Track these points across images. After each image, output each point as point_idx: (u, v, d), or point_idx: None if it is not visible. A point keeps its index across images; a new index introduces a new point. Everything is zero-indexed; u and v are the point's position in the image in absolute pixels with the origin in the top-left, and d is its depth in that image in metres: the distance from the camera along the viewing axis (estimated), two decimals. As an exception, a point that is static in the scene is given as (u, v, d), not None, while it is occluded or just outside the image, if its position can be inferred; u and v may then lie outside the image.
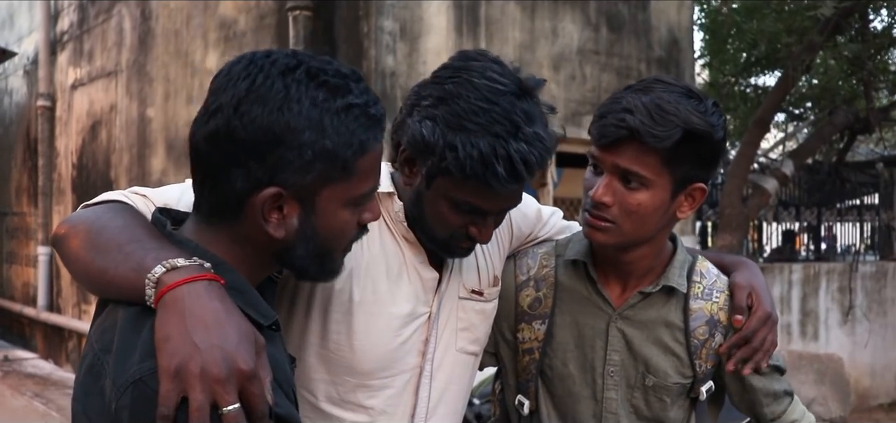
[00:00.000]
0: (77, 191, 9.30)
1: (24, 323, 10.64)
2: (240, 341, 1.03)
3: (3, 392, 8.18)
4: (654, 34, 7.10)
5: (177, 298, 1.05)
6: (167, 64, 7.70)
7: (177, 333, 1.02)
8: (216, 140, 1.12)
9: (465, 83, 1.44)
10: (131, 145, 8.20)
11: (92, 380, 1.08)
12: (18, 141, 10.99)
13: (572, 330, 1.74)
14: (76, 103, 9.45)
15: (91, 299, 8.88)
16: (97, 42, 9.02)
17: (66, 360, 9.46)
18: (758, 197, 9.02)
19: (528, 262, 1.80)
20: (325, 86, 1.13)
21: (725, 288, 1.75)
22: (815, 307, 9.33)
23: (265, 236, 1.16)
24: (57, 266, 9.75)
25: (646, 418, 1.72)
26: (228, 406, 1.00)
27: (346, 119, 1.13)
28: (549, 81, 6.42)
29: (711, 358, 1.73)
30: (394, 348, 1.57)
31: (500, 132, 1.39)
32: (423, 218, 1.53)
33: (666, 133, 1.51)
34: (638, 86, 1.59)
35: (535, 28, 6.32)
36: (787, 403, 1.82)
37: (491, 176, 1.40)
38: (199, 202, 1.21)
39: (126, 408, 1.02)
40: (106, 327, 1.12)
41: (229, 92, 1.12)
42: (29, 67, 10.56)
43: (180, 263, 1.09)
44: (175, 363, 1.00)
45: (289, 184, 1.12)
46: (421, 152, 1.46)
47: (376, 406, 1.57)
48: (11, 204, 11.30)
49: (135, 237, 1.16)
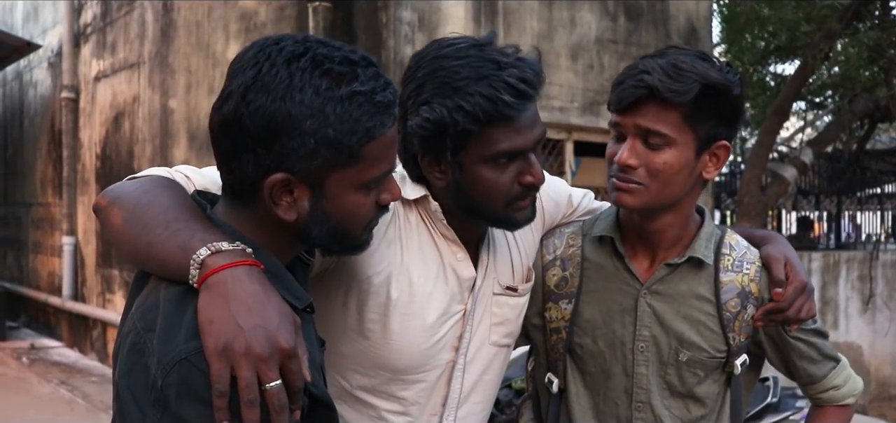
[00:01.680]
0: (101, 181, 9.41)
1: (50, 312, 10.79)
2: (280, 322, 1.08)
3: (30, 380, 8.32)
4: (673, 23, 7.11)
5: (220, 281, 1.10)
6: (189, 55, 7.79)
7: (221, 315, 1.07)
8: (227, 126, 1.16)
9: (431, 63, 1.48)
10: (154, 136, 8.30)
11: (136, 357, 1.12)
12: (43, 133, 11.13)
13: (601, 308, 1.73)
14: (99, 95, 9.56)
15: (115, 288, 9.01)
16: (120, 34, 9.13)
17: (90, 348, 9.60)
18: (776, 185, 9.01)
19: (554, 242, 1.80)
20: (330, 74, 1.14)
21: (755, 260, 1.74)
22: (834, 296, 9.31)
23: (279, 218, 1.19)
24: (81, 256, 9.89)
25: (680, 394, 1.72)
26: (271, 382, 1.06)
27: (349, 107, 1.14)
28: (566, 71, 6.47)
29: (744, 331, 1.72)
30: (428, 347, 1.59)
31: (487, 72, 1.43)
32: (476, 202, 1.52)
33: (684, 88, 1.53)
34: (653, 53, 1.64)
35: (552, 17, 6.35)
36: (829, 368, 1.80)
37: (503, 107, 1.42)
38: (222, 186, 1.25)
39: (173, 385, 1.07)
40: (148, 306, 1.16)
41: (239, 79, 1.15)
42: (53, 60, 10.69)
43: (224, 246, 1.13)
44: (221, 344, 1.06)
45: (296, 170, 1.15)
46: (436, 139, 1.47)
47: (409, 397, 1.60)
48: (37, 195, 11.45)
49: (181, 217, 1.19)
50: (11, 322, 11.09)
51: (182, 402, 1.06)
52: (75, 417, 6.94)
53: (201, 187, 1.36)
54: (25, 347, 10.00)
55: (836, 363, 1.82)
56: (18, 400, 7.42)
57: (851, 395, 1.83)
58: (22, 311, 11.61)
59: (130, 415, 1.11)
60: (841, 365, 1.83)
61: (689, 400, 1.73)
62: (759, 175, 8.75)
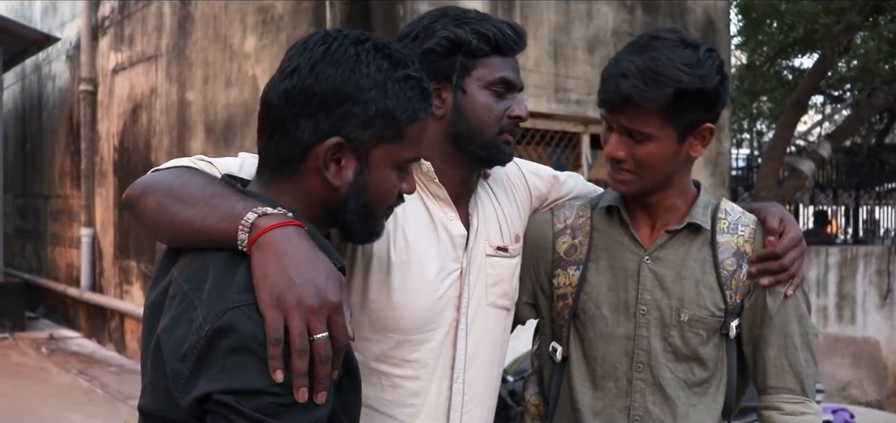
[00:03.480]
0: (119, 174, 9.49)
1: (68, 303, 10.89)
2: (329, 277, 1.17)
3: (50, 370, 8.41)
4: (690, 16, 7.07)
5: (271, 240, 1.18)
6: (206, 48, 7.83)
7: (274, 269, 1.15)
8: (290, 95, 1.27)
9: (436, 11, 1.72)
10: (171, 128, 8.35)
11: (181, 312, 1.19)
12: (61, 125, 11.22)
13: (606, 274, 1.82)
14: (117, 87, 9.63)
15: (133, 279, 9.08)
16: (137, 27, 9.18)
17: (108, 339, 9.69)
18: (794, 179, 8.97)
19: (565, 212, 1.90)
20: (390, 57, 1.30)
21: (750, 223, 1.82)
22: (852, 291, 9.26)
23: (323, 187, 1.29)
24: (99, 248, 9.97)
25: (684, 356, 1.79)
26: (319, 334, 1.14)
27: (404, 87, 1.30)
28: (583, 63, 6.45)
29: (740, 291, 1.79)
30: (432, 303, 1.68)
31: (491, 18, 1.72)
32: (472, 128, 1.69)
33: (658, 94, 1.63)
34: (637, 44, 1.71)
35: (570, 10, 6.34)
36: (788, 383, 1.76)
37: (509, 39, 1.69)
38: (264, 160, 1.34)
39: (223, 329, 1.13)
40: (194, 269, 1.23)
41: (306, 56, 1.28)
42: (71, 52, 10.77)
43: (270, 210, 1.22)
44: (276, 295, 1.13)
45: (351, 136, 1.27)
46: (447, 58, 1.67)
47: (420, 359, 1.68)
48: (55, 187, 11.55)
49: (218, 192, 1.29)
50: (30, 313, 11.21)
51: (229, 346, 1.13)
52: (94, 406, 7.01)
53: (225, 172, 1.44)
54: (44, 337, 10.10)
55: (799, 394, 1.76)
56: (38, 390, 7.50)
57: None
58: (40, 302, 11.73)
59: (170, 364, 1.17)
60: (803, 401, 1.76)
61: (694, 363, 1.79)
62: (777, 169, 8.72)
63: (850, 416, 5.43)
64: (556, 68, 6.21)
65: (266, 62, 6.79)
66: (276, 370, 1.11)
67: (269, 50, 6.74)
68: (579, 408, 1.84)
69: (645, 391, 1.79)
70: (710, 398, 1.82)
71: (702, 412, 1.81)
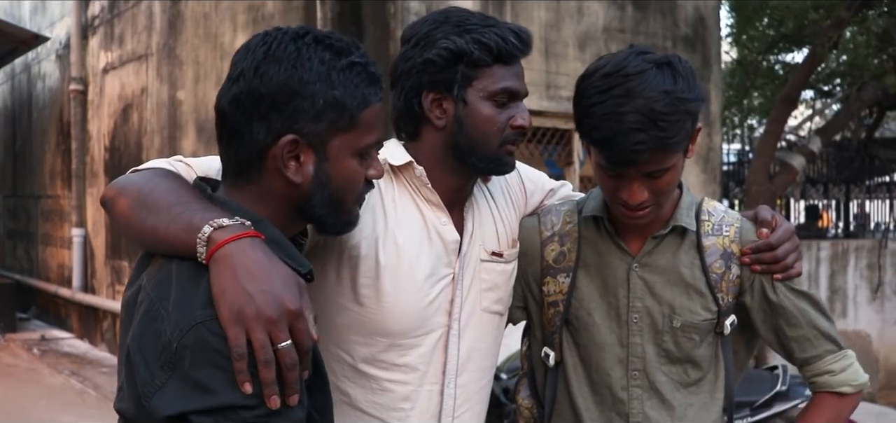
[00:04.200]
0: (109, 173, 9.45)
1: (60, 303, 10.86)
2: (285, 285, 1.18)
3: (42, 371, 8.38)
4: (680, 12, 7.09)
5: (226, 254, 1.19)
6: (197, 47, 7.81)
7: (231, 284, 1.16)
8: (239, 100, 1.28)
9: (438, 15, 1.67)
10: (162, 128, 8.33)
11: (148, 323, 1.20)
12: (51, 125, 11.18)
13: (596, 281, 1.81)
14: (108, 87, 9.60)
15: (125, 279, 9.05)
16: (128, 26, 9.15)
17: (101, 339, 9.66)
18: (785, 174, 8.99)
19: (552, 219, 1.87)
20: (331, 48, 1.30)
21: (733, 222, 1.81)
22: (843, 284, 9.31)
23: (285, 185, 1.30)
24: (91, 248, 9.94)
25: (677, 359, 1.79)
26: (282, 343, 1.15)
27: (349, 74, 1.30)
28: (574, 60, 6.46)
29: (732, 291, 1.79)
30: (422, 308, 1.66)
31: (493, 22, 1.66)
32: (474, 140, 1.65)
33: (682, 134, 1.61)
34: (617, 90, 1.60)
35: (560, 7, 6.34)
36: (825, 349, 1.78)
37: (512, 47, 1.64)
38: (226, 166, 1.35)
39: (188, 347, 1.15)
40: (161, 278, 1.24)
41: (249, 59, 1.28)
42: (61, 52, 10.73)
43: (225, 222, 1.22)
44: (235, 310, 1.14)
45: (304, 132, 1.28)
46: (448, 69, 1.62)
47: (409, 364, 1.66)
48: (46, 187, 11.50)
49: (181, 200, 1.29)
50: (22, 314, 11.17)
51: (196, 363, 1.15)
52: (86, 407, 6.99)
53: (202, 174, 1.45)
54: (36, 338, 10.07)
55: (837, 349, 1.79)
56: (30, 391, 7.48)
57: (848, 384, 1.79)
58: (32, 302, 11.68)
59: (140, 375, 1.18)
60: (842, 352, 1.80)
61: (688, 365, 1.80)
62: (768, 164, 8.74)
63: (841, 409, 5.45)
64: (547, 65, 6.21)
65: (257, 61, 6.75)
66: (244, 382, 1.13)
67: (260, 48, 6.71)
68: (580, 413, 1.83)
69: (642, 397, 1.79)
70: (707, 394, 1.83)
71: (699, 410, 1.81)
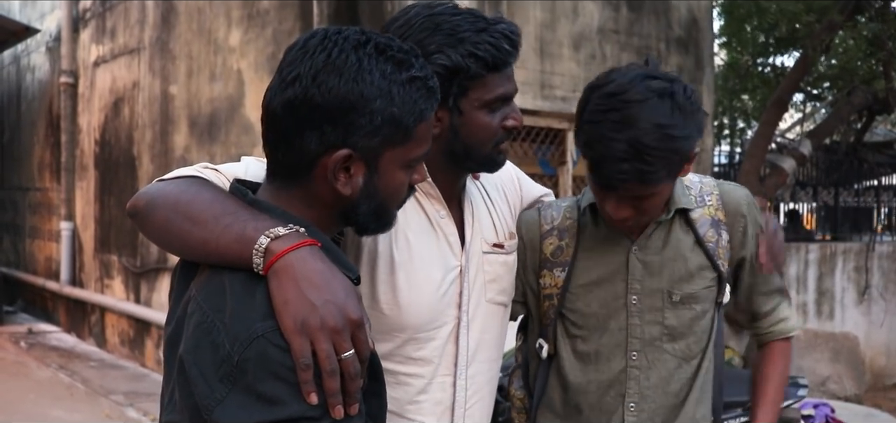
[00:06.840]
0: (99, 167, 9.41)
1: (47, 297, 10.80)
2: (347, 295, 1.17)
3: (29, 364, 8.33)
4: (674, 14, 7.11)
5: (287, 265, 1.17)
6: (190, 41, 7.77)
7: (294, 295, 1.15)
8: (293, 106, 1.24)
9: (426, 20, 1.61)
10: (154, 122, 8.29)
11: (203, 335, 1.19)
12: (41, 117, 11.11)
13: (596, 269, 1.86)
14: (99, 80, 9.54)
15: (113, 273, 9.01)
16: (120, 19, 9.10)
17: (89, 333, 9.61)
18: (775, 177, 9.02)
19: (552, 213, 1.92)
20: (393, 60, 1.26)
21: (712, 189, 1.89)
22: (830, 287, 9.36)
23: (333, 194, 1.28)
24: (79, 241, 9.88)
25: (680, 333, 1.85)
26: (345, 353, 1.15)
27: (409, 89, 1.27)
28: (568, 60, 6.47)
29: (727, 256, 1.88)
30: (436, 301, 1.70)
31: (484, 26, 1.61)
32: (469, 146, 1.67)
33: (667, 170, 1.64)
34: (613, 115, 1.63)
35: (555, 7, 6.35)
36: (779, 300, 1.98)
37: (505, 54, 1.62)
38: (273, 168, 1.32)
39: (251, 360, 1.14)
40: (213, 289, 1.22)
41: (306, 64, 1.24)
42: (51, 44, 10.66)
43: (281, 231, 1.20)
44: (299, 321, 1.14)
45: (358, 146, 1.25)
46: (444, 85, 1.56)
47: (425, 357, 1.71)
48: (34, 180, 11.43)
49: (228, 210, 1.26)
50: (8, 307, 11.11)
51: (259, 377, 1.14)
52: (75, 401, 6.96)
53: (232, 178, 1.41)
54: (23, 331, 10.01)
55: (782, 297, 1.98)
56: (18, 385, 7.44)
57: (796, 329, 2.00)
58: (19, 296, 11.61)
59: (198, 389, 1.17)
60: (786, 301, 2.00)
61: (690, 338, 1.86)
62: (758, 166, 8.77)
63: (830, 410, 5.47)
64: (542, 65, 6.22)
65: (251, 56, 6.75)
66: (310, 393, 1.13)
67: (255, 44, 6.70)
68: (574, 400, 1.88)
69: (639, 377, 1.84)
70: (704, 370, 1.89)
71: (695, 389, 1.88)
